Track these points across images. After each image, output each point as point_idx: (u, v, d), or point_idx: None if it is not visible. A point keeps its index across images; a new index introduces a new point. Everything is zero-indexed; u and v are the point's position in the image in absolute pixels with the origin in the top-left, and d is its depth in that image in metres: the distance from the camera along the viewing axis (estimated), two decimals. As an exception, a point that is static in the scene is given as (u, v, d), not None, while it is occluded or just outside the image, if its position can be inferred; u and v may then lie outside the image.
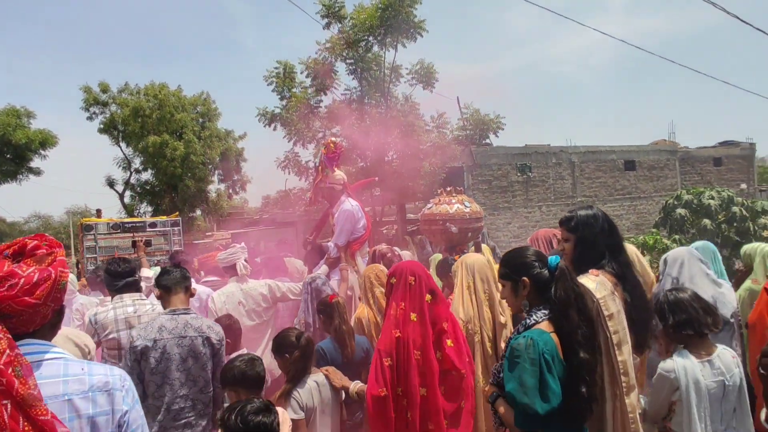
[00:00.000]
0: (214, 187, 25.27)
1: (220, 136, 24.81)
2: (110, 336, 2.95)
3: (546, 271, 1.82)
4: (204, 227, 26.45)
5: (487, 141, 12.14)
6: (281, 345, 2.43)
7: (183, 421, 2.39)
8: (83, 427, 1.21)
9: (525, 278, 1.83)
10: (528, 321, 1.81)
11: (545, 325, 1.76)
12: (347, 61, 10.91)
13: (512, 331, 2.92)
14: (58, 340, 1.90)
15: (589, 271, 2.10)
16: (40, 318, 1.23)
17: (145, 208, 24.50)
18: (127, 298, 3.07)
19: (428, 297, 2.36)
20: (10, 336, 1.12)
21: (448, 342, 2.33)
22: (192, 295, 2.73)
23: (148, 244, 10.40)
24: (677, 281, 2.90)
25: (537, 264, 1.85)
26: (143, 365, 2.36)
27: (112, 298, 3.11)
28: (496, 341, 2.86)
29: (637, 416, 2.02)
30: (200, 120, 24.51)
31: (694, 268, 2.93)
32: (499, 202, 13.18)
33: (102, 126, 23.23)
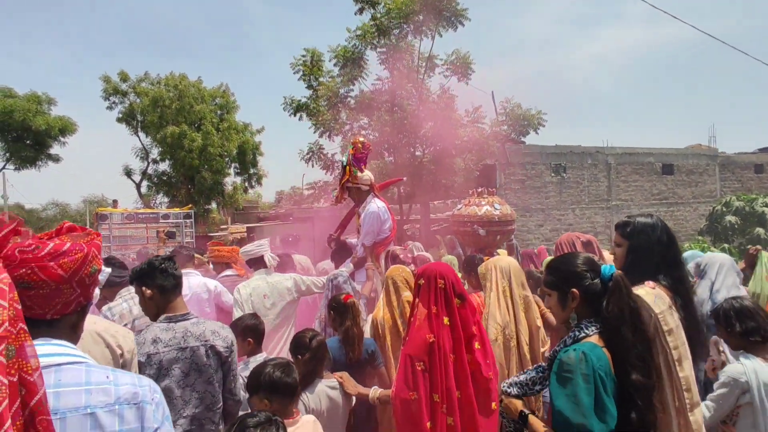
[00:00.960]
0: (230, 180, 25.14)
1: (238, 128, 24.72)
2: (128, 326, 2.90)
3: (598, 282, 1.66)
4: (219, 220, 26.33)
5: (521, 139, 11.55)
6: (297, 346, 2.38)
7: None
8: None
9: (574, 290, 1.68)
10: (577, 333, 1.66)
11: (596, 339, 1.62)
12: (379, 49, 10.39)
13: (545, 335, 2.93)
14: (85, 336, 1.71)
15: (645, 282, 1.98)
16: (62, 303, 1.06)
17: (161, 198, 24.43)
18: (126, 292, 3.14)
19: (457, 301, 2.32)
20: (20, 307, 0.88)
21: (476, 345, 2.31)
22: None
23: (170, 236, 10.69)
24: (713, 286, 2.98)
25: (588, 274, 1.68)
26: None
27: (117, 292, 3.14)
28: (533, 345, 2.86)
29: None
30: (219, 112, 24.43)
31: (730, 278, 3.02)
32: (532, 203, 12.56)
33: (121, 115, 23.24)
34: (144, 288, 2.15)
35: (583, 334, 1.65)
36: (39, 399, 0.86)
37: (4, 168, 20.82)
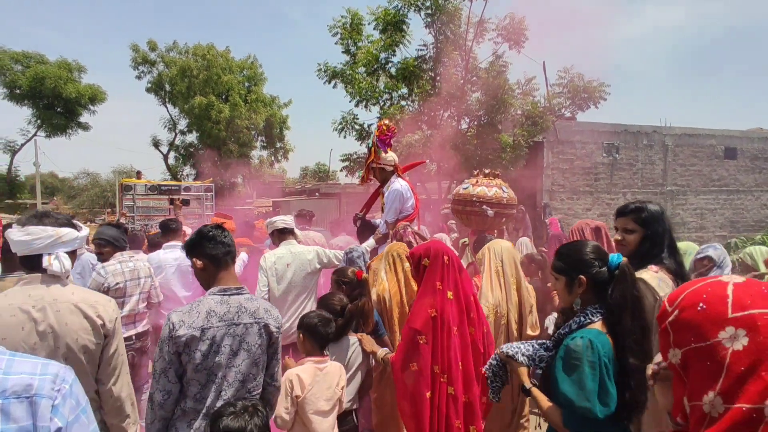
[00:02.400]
0: (257, 154, 24.89)
1: (266, 101, 24.45)
2: (119, 285, 3.45)
3: (605, 270, 1.74)
4: (244, 194, 26.22)
5: (573, 114, 10.58)
6: (331, 312, 2.55)
7: None
8: None
9: (582, 276, 1.76)
10: (582, 319, 1.74)
11: (600, 325, 1.71)
12: (424, 12, 9.51)
13: (536, 320, 3.06)
14: (62, 309, 1.75)
15: (648, 266, 2.08)
16: None
17: (188, 170, 24.38)
18: (125, 254, 3.67)
19: (458, 276, 2.46)
20: None
21: (472, 314, 2.44)
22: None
23: (185, 203, 10.78)
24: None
25: (596, 262, 1.76)
26: (185, 359, 1.81)
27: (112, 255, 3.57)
28: (522, 323, 3.00)
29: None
30: (246, 84, 24.09)
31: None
32: (580, 185, 11.63)
33: (150, 85, 23.06)
34: (194, 259, 2.00)
35: (588, 320, 1.73)
36: None
37: (35, 135, 20.87)
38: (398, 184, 4.32)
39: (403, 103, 10.04)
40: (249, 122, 22.46)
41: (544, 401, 1.78)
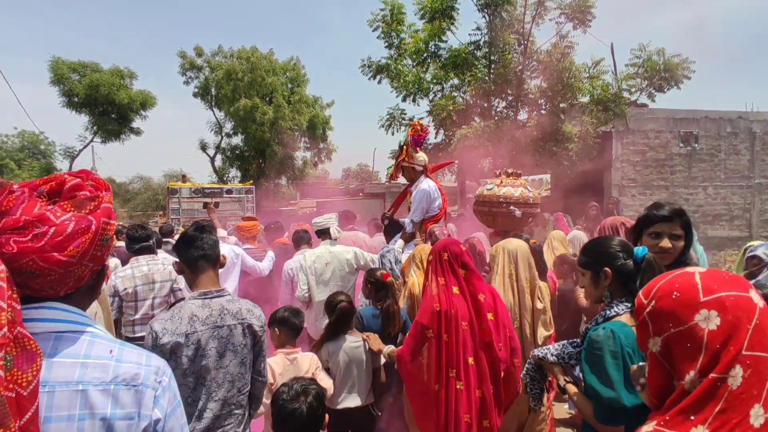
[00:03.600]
0: (300, 155, 25.02)
1: (309, 102, 24.61)
2: (128, 290, 3.53)
3: (631, 263, 1.75)
4: (289, 195, 26.33)
5: (647, 100, 9.44)
6: (327, 306, 2.87)
7: (219, 431, 1.92)
8: None
9: (607, 269, 1.78)
10: (608, 312, 1.75)
11: (626, 318, 1.71)
12: (476, -6, 8.77)
13: (550, 317, 3.04)
14: None
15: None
16: (74, 280, 0.96)
17: (234, 172, 24.81)
18: (142, 259, 3.69)
19: (462, 271, 2.48)
20: (18, 306, 0.83)
21: (489, 315, 2.42)
22: (222, 265, 2.26)
23: (217, 205, 11.08)
24: None
25: (621, 254, 1.78)
26: (173, 366, 1.72)
27: (128, 259, 3.73)
28: (535, 324, 2.91)
29: None
30: (289, 86, 24.26)
31: None
32: (653, 179, 10.42)
33: (197, 90, 23.57)
34: (175, 262, 2.08)
35: (613, 313, 1.74)
36: (30, 417, 0.79)
37: (92, 141, 21.74)
38: (426, 184, 4.29)
39: (455, 94, 9.36)
40: (292, 123, 22.61)
41: (578, 396, 1.80)
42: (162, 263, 3.75)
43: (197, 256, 1.97)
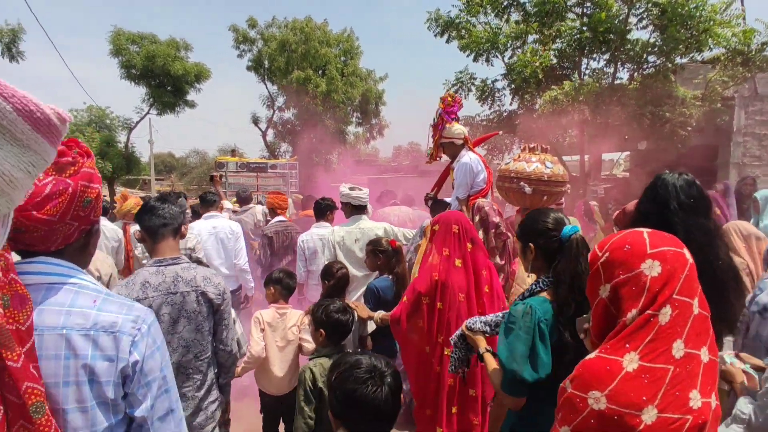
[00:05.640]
0: (353, 129, 24.39)
1: (362, 75, 23.89)
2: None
3: (556, 241, 1.80)
4: (339, 171, 25.83)
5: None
6: (325, 273, 3.15)
7: None
8: (78, 371, 1.04)
9: (531, 244, 1.86)
10: (533, 287, 1.85)
11: (548, 293, 1.79)
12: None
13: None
14: None
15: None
16: (62, 237, 1.10)
17: (285, 147, 24.61)
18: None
19: (469, 246, 2.53)
20: (9, 256, 0.96)
21: (485, 288, 2.52)
22: (183, 236, 2.31)
23: (223, 178, 11.17)
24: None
25: (551, 232, 1.82)
26: None
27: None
28: None
29: None
30: (342, 58, 23.58)
31: None
32: (783, 158, 8.56)
33: (250, 63, 23.34)
34: (137, 230, 2.19)
35: (538, 288, 1.83)
36: (29, 346, 0.92)
37: (148, 113, 22.00)
38: (467, 157, 4.09)
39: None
40: (345, 96, 22.03)
41: (492, 366, 1.89)
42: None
43: (158, 224, 2.05)
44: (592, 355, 1.15)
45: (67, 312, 1.04)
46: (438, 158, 4.50)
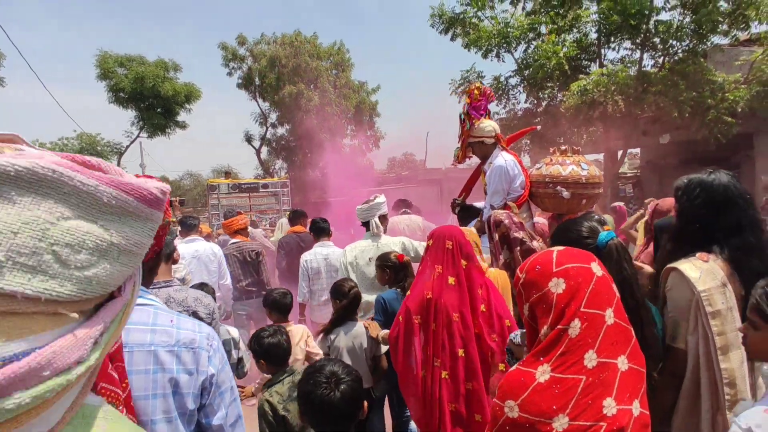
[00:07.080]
0: (348, 142, 24.04)
1: (354, 87, 23.77)
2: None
3: (592, 250, 1.59)
4: (337, 184, 25.33)
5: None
6: (336, 292, 3.10)
7: None
8: (165, 384, 1.17)
9: None
10: None
11: None
12: None
13: None
14: None
15: (697, 254, 1.79)
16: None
17: (280, 164, 24.15)
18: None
19: (464, 262, 2.47)
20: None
21: (481, 307, 2.45)
22: (175, 261, 2.41)
23: (182, 203, 11.26)
24: None
25: (583, 240, 1.75)
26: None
27: None
28: None
29: None
30: (334, 71, 23.34)
31: None
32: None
33: (240, 81, 22.97)
34: None
35: None
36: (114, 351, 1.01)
37: (138, 136, 21.42)
38: (501, 159, 3.68)
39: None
40: (339, 108, 21.69)
41: None
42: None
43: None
44: (513, 368, 1.22)
45: (152, 330, 1.18)
46: (469, 157, 4.09)
